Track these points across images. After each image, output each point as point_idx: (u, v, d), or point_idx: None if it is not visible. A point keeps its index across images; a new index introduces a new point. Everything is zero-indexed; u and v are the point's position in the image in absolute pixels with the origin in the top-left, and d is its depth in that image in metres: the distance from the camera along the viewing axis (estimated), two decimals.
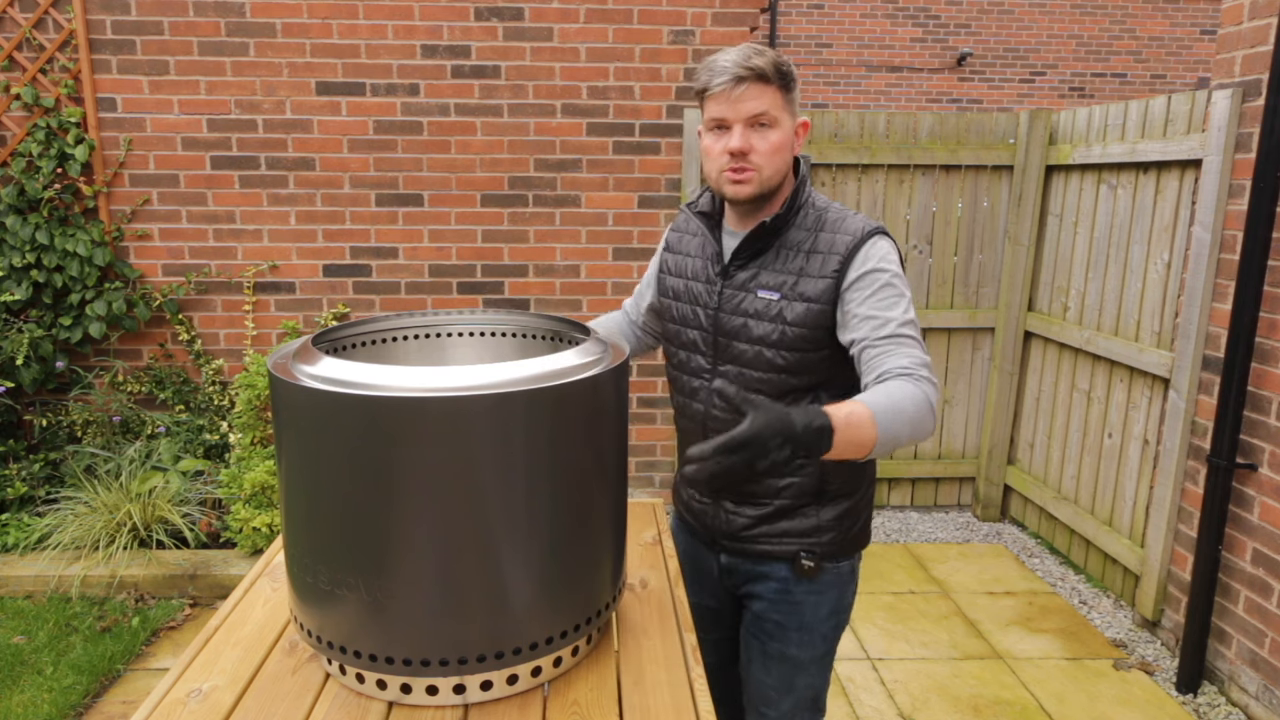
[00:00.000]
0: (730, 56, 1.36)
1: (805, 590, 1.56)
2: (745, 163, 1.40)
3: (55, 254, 3.64)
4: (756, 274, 1.48)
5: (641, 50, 3.79)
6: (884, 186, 4.01)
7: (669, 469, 4.21)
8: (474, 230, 3.93)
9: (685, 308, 1.58)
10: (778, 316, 1.44)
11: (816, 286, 1.41)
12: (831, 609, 1.58)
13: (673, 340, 1.62)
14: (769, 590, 1.58)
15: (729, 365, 1.51)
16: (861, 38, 8.80)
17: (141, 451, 3.70)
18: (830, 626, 1.59)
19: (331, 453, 1.09)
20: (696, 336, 1.56)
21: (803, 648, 1.58)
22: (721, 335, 1.51)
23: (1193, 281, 2.88)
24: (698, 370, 1.57)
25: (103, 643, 2.97)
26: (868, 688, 2.82)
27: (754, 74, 1.35)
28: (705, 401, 1.55)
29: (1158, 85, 8.94)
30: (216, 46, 3.70)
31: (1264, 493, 2.62)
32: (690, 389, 1.58)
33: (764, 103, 1.36)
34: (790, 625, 1.57)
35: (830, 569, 1.56)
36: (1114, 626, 3.23)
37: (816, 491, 1.52)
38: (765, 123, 1.38)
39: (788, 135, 1.42)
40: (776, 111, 1.38)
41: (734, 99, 1.36)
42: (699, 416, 1.56)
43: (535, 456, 1.12)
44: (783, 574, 1.56)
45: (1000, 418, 4.17)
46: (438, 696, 1.16)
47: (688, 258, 1.61)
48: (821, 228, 1.45)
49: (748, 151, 1.39)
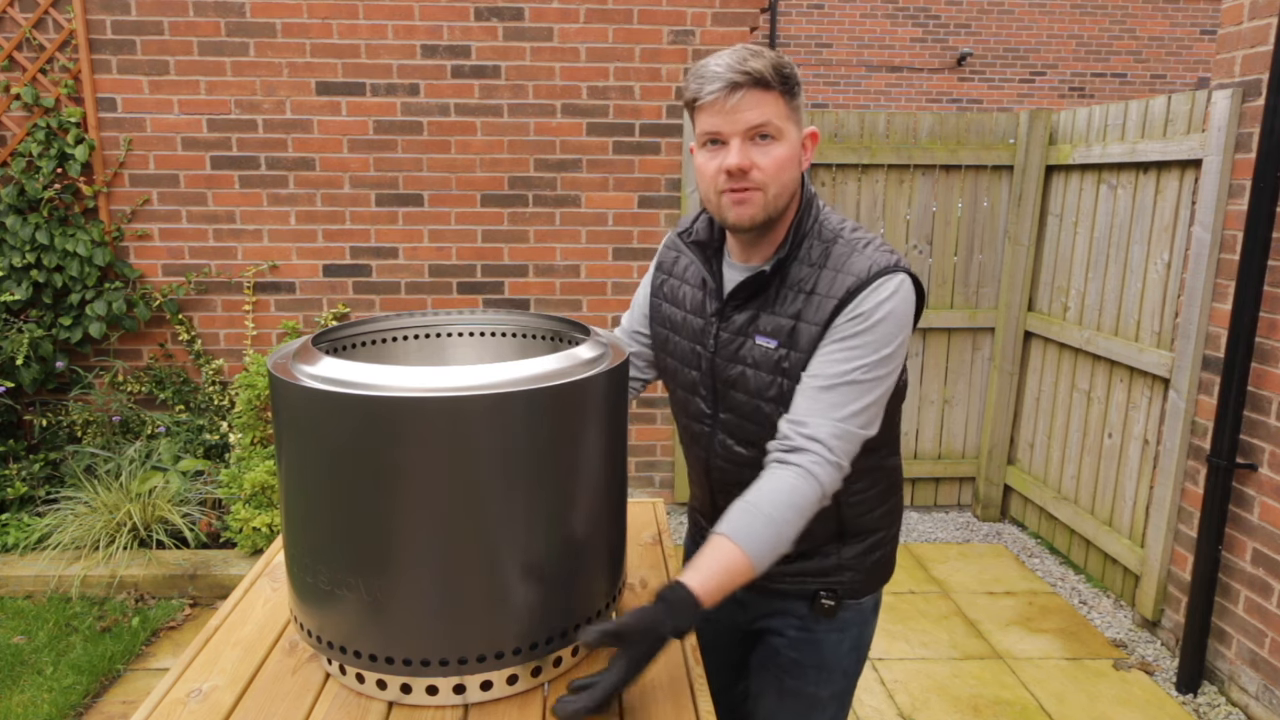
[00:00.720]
0: (723, 60, 1.18)
1: (826, 629, 1.45)
2: (747, 182, 1.21)
3: (55, 254, 3.64)
4: (755, 316, 1.30)
5: (641, 50, 3.79)
6: (884, 186, 4.01)
7: (669, 469, 4.21)
8: (474, 230, 3.93)
9: (684, 344, 1.41)
10: (776, 367, 1.28)
11: (811, 335, 1.25)
12: (852, 645, 1.48)
13: (671, 377, 1.47)
14: (787, 626, 1.47)
15: (728, 414, 1.37)
16: (861, 38, 8.80)
17: (141, 451, 3.70)
18: (851, 662, 1.49)
19: (331, 453, 1.09)
20: (696, 379, 1.40)
21: (821, 685, 1.48)
22: (720, 383, 1.36)
23: (1193, 281, 2.88)
24: (698, 415, 1.42)
25: (103, 643, 2.97)
26: (868, 688, 2.82)
27: (751, 79, 1.16)
28: (707, 449, 1.42)
29: (1158, 85, 8.94)
30: (216, 46, 3.70)
31: (1264, 493, 2.62)
32: (692, 434, 1.45)
33: (764, 112, 1.18)
34: (808, 663, 1.47)
35: (852, 606, 1.45)
36: (1114, 626, 3.23)
37: (837, 534, 1.42)
38: (767, 134, 1.20)
39: (793, 148, 1.23)
40: (780, 121, 1.20)
41: (729, 109, 1.17)
42: (701, 463, 1.45)
43: (535, 456, 1.12)
44: (802, 611, 1.45)
45: (1000, 418, 4.17)
46: (438, 696, 1.16)
47: (684, 285, 1.43)
48: (825, 263, 1.27)
49: (748, 169, 1.20)
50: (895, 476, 1.47)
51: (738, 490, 1.30)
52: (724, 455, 1.39)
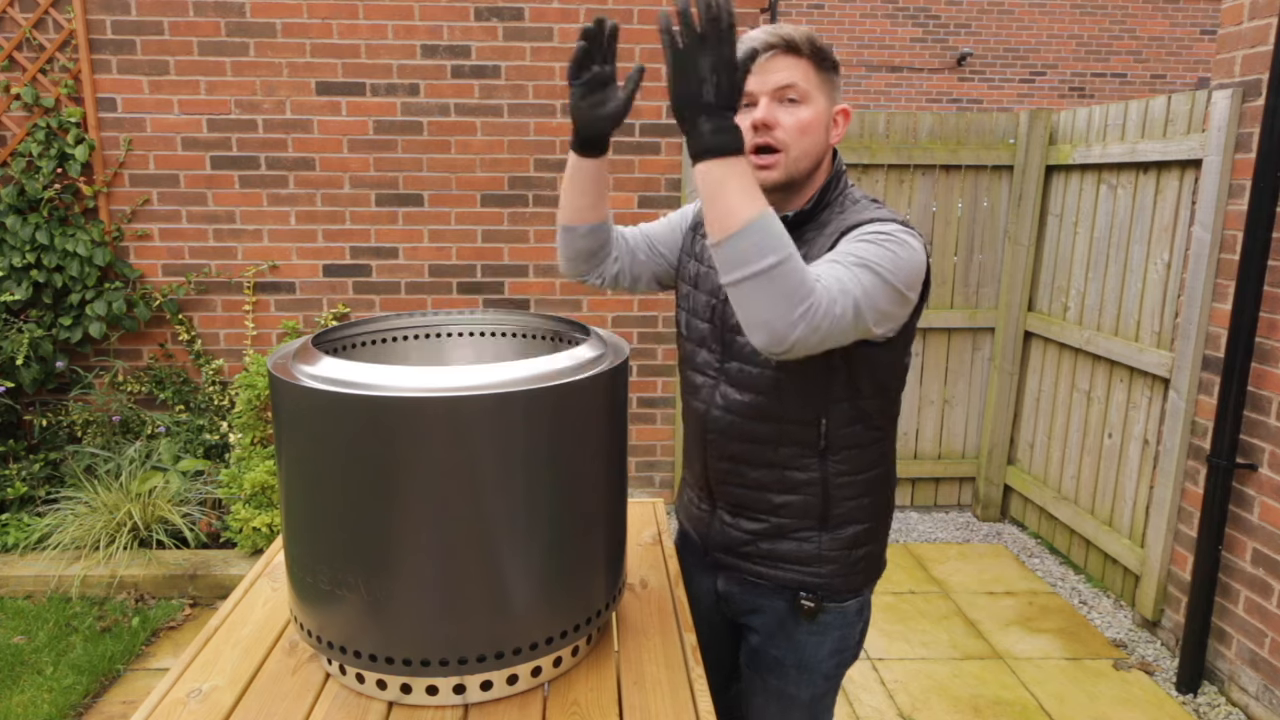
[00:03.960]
0: (760, 30, 1.26)
1: (805, 631, 1.45)
2: (770, 138, 1.26)
3: (55, 254, 3.64)
4: None
5: (641, 50, 3.79)
6: (884, 187, 4.01)
7: (669, 469, 4.21)
8: (474, 230, 3.93)
9: (702, 297, 1.46)
10: None
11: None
12: (834, 649, 1.47)
13: (684, 329, 1.52)
14: (766, 625, 1.48)
15: (734, 362, 1.41)
16: (861, 38, 8.80)
17: (141, 451, 3.70)
18: (833, 665, 1.48)
19: (331, 453, 1.09)
20: (707, 330, 1.45)
21: (801, 687, 1.48)
22: (728, 331, 1.41)
23: (1193, 281, 2.88)
24: (703, 366, 1.46)
25: (103, 643, 2.97)
26: (868, 688, 2.82)
27: (784, 43, 1.24)
28: (708, 401, 1.44)
29: (1158, 85, 8.94)
30: (216, 46, 3.70)
31: (1264, 493, 2.62)
32: (693, 385, 1.49)
33: (793, 74, 1.24)
34: (788, 662, 1.47)
35: (833, 609, 1.43)
36: (1114, 626, 3.23)
37: (820, 515, 1.40)
38: (794, 97, 1.25)
39: (821, 114, 1.28)
40: (807, 85, 1.25)
41: (760, 69, 1.24)
42: (700, 416, 1.47)
43: (535, 456, 1.12)
44: (781, 610, 1.46)
45: (1000, 418, 4.17)
46: (438, 696, 1.16)
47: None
48: (840, 215, 1.31)
49: (772, 125, 1.25)
50: (886, 466, 1.45)
51: (732, 447, 1.41)
52: (724, 405, 1.41)
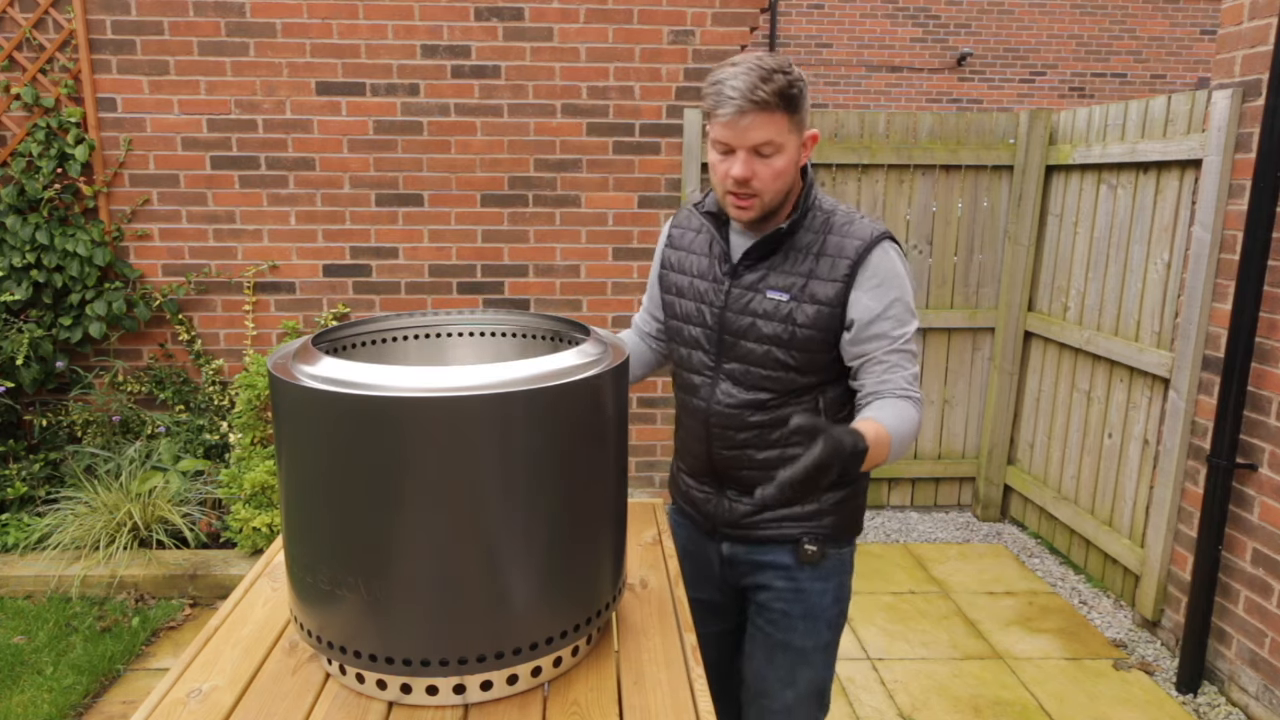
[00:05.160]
0: (738, 84, 1.35)
1: (810, 577, 1.59)
2: (748, 189, 1.42)
3: (55, 254, 3.64)
4: (765, 275, 1.51)
5: (641, 50, 3.79)
6: (884, 186, 4.01)
7: (669, 469, 4.20)
8: (474, 230, 3.93)
9: (689, 305, 1.61)
10: (788, 317, 1.48)
11: (827, 290, 1.46)
12: (835, 596, 1.62)
13: (675, 337, 1.65)
14: (774, 579, 1.61)
15: (734, 363, 1.54)
16: (861, 38, 8.80)
17: (141, 451, 3.70)
18: (835, 614, 1.63)
19: (331, 453, 1.09)
20: (699, 334, 1.59)
21: (808, 635, 1.61)
22: (728, 334, 1.54)
23: (1193, 281, 2.88)
24: (699, 367, 1.59)
25: (103, 643, 2.97)
26: (868, 688, 2.83)
27: (757, 104, 1.35)
28: (708, 398, 1.57)
29: (1158, 85, 8.94)
30: (216, 46, 3.70)
31: (1264, 493, 2.62)
32: (691, 385, 1.61)
33: (767, 132, 1.37)
34: (795, 613, 1.60)
35: (833, 554, 1.60)
36: (1114, 626, 3.23)
37: None
38: (769, 152, 1.40)
39: (792, 157, 1.43)
40: (781, 137, 1.39)
41: (739, 129, 1.37)
42: (700, 413, 1.59)
43: (535, 456, 1.12)
44: (786, 561, 1.59)
45: (1000, 418, 4.17)
46: (438, 696, 1.16)
47: (691, 255, 1.63)
48: (830, 230, 1.49)
49: (750, 179, 1.41)
50: None
51: (734, 437, 1.54)
52: (725, 401, 1.55)
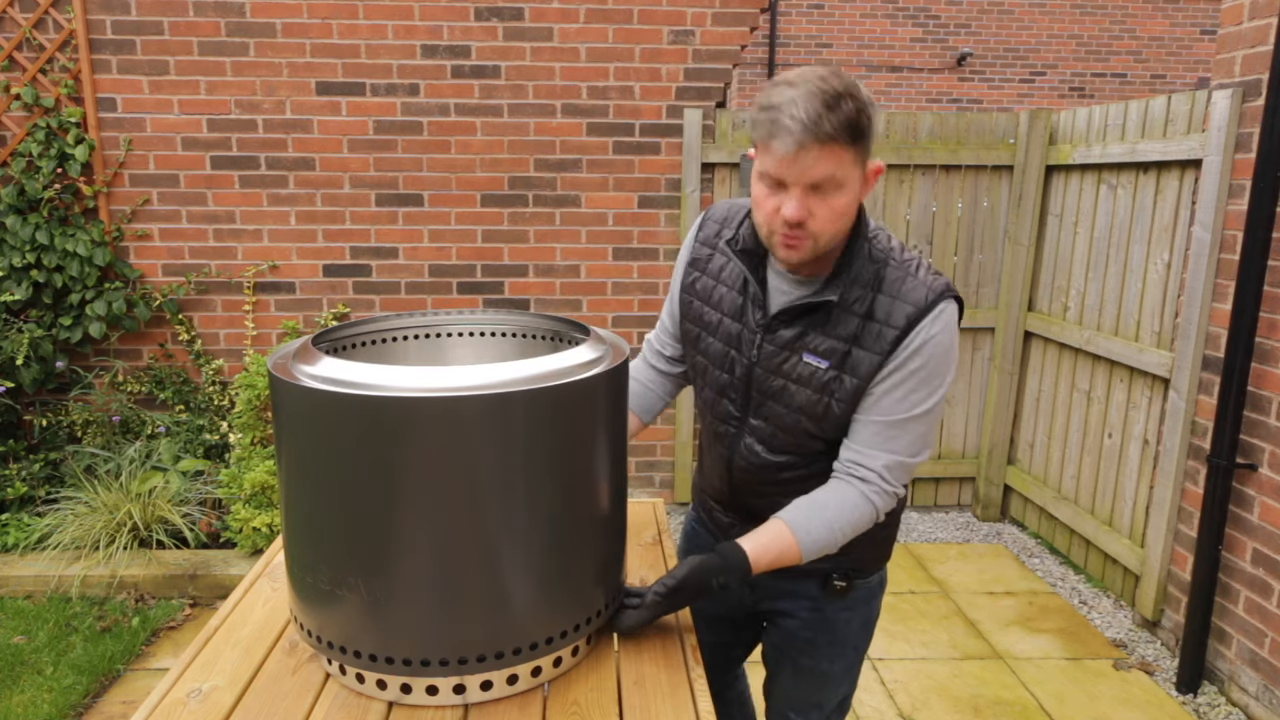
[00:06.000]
0: (798, 113, 1.10)
1: (837, 608, 1.51)
2: (800, 231, 1.19)
3: (55, 254, 3.64)
4: (804, 333, 1.30)
5: (641, 50, 3.79)
6: (884, 186, 4.01)
7: (669, 469, 4.21)
8: (474, 230, 3.93)
9: (717, 345, 1.41)
10: (824, 388, 1.29)
11: (869, 364, 1.26)
12: (862, 622, 1.56)
13: (700, 374, 1.47)
14: (799, 608, 1.53)
15: (761, 421, 1.39)
16: (861, 38, 8.80)
17: (141, 451, 3.70)
18: (861, 638, 1.58)
19: (331, 453, 1.09)
20: (727, 381, 1.41)
21: (835, 661, 1.56)
22: (756, 391, 1.37)
23: (1193, 281, 2.88)
24: (725, 416, 1.44)
25: (103, 643, 2.97)
26: (868, 688, 2.82)
27: (822, 140, 1.11)
28: (731, 449, 1.45)
29: (1158, 85, 8.94)
30: (216, 46, 3.70)
31: (1264, 493, 2.62)
32: (717, 433, 1.48)
33: (829, 167, 1.13)
34: (821, 641, 1.54)
35: (861, 585, 1.51)
36: (1114, 626, 3.23)
37: None
38: (829, 189, 1.16)
39: (855, 194, 1.19)
40: (844, 172, 1.15)
41: (798, 166, 1.13)
42: (723, 461, 1.48)
43: (535, 456, 1.12)
44: (814, 593, 1.50)
45: (1000, 418, 4.17)
46: (438, 696, 1.16)
47: (719, 285, 1.41)
48: (880, 288, 1.27)
49: (804, 220, 1.18)
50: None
51: (759, 488, 1.44)
52: (748, 457, 1.43)
